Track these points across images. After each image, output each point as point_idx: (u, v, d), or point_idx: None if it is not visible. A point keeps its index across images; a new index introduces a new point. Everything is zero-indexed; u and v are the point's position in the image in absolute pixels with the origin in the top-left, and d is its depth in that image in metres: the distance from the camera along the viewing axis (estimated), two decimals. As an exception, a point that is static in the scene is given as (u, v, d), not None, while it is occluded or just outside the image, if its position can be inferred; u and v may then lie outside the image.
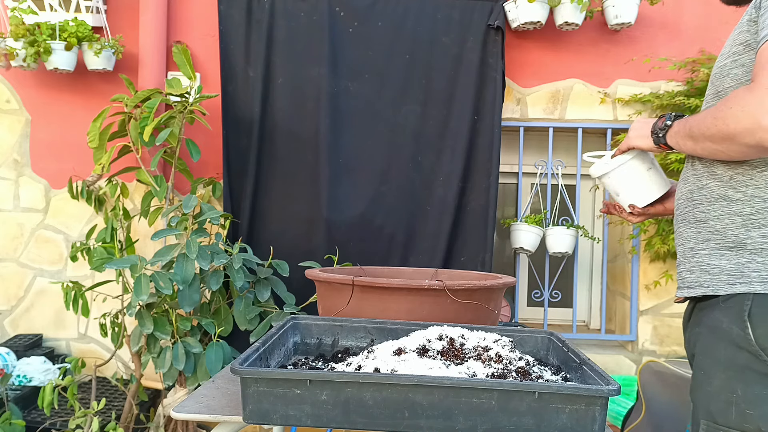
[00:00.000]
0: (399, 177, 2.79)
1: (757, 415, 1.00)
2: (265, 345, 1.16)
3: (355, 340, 1.36)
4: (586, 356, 1.14)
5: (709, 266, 1.09)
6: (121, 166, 2.74)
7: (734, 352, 1.03)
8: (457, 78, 2.77)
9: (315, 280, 1.60)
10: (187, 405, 1.16)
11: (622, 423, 2.29)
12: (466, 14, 2.77)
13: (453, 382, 0.96)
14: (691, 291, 1.12)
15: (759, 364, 1.00)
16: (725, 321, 1.04)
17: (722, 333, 1.05)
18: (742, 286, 1.03)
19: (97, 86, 2.93)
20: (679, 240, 1.17)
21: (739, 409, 1.01)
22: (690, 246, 1.13)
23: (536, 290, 3.04)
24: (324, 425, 0.98)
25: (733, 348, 1.03)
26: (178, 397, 2.41)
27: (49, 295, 2.96)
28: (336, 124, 2.76)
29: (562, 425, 0.95)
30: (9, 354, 2.69)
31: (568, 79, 2.91)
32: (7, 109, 2.97)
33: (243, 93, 2.80)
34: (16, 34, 2.64)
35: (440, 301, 1.43)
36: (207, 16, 2.89)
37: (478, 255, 2.76)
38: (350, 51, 2.79)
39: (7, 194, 2.98)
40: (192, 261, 2.20)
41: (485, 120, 2.77)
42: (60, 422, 2.48)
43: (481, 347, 1.17)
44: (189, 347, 2.30)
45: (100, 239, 2.59)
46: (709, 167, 1.11)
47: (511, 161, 3.06)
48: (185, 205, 2.34)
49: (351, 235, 2.75)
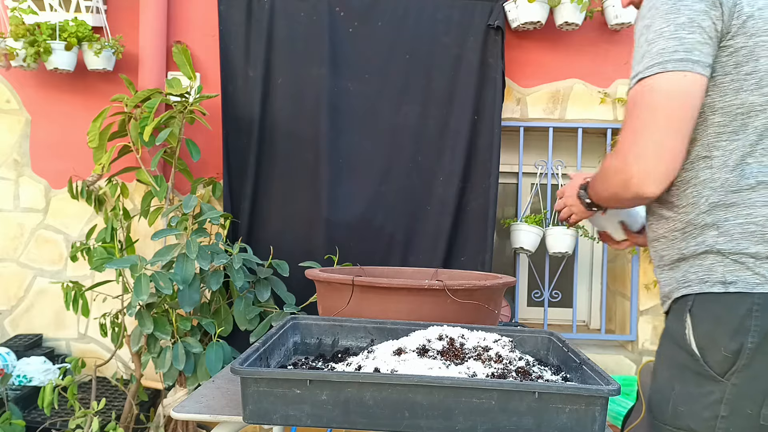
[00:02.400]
0: (399, 177, 2.78)
1: (687, 412, 1.04)
2: (265, 345, 1.16)
3: (355, 340, 1.36)
4: (586, 356, 1.14)
5: (669, 279, 1.14)
6: (121, 166, 2.74)
7: (676, 352, 1.08)
8: (457, 78, 2.77)
9: (315, 280, 1.60)
10: (187, 405, 1.16)
11: (622, 423, 2.29)
12: (466, 14, 2.77)
13: (453, 382, 0.96)
14: (664, 306, 1.18)
15: (694, 364, 1.04)
16: (672, 321, 1.11)
17: (670, 333, 1.11)
18: (686, 289, 1.08)
19: (97, 86, 2.93)
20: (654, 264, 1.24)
21: (674, 406, 1.06)
22: (656, 264, 1.19)
23: (536, 290, 3.04)
24: (324, 425, 0.98)
25: (675, 347, 1.08)
26: (178, 397, 2.41)
27: (49, 295, 2.96)
28: (336, 124, 2.76)
29: (562, 425, 0.95)
30: (9, 354, 2.69)
31: (568, 79, 2.91)
32: (7, 109, 2.97)
33: (243, 93, 2.80)
34: (16, 34, 2.64)
35: (440, 301, 1.43)
36: (207, 16, 2.89)
37: (478, 255, 2.76)
38: (350, 51, 2.79)
39: (7, 194, 2.98)
40: (192, 261, 2.20)
41: (485, 120, 2.77)
42: (60, 422, 2.48)
43: (481, 347, 1.17)
44: (189, 347, 2.30)
45: (100, 239, 2.59)
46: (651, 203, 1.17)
47: (511, 161, 3.06)
48: (185, 205, 2.34)
49: (351, 235, 2.75)
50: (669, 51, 1.01)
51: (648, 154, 1.02)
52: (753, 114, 1.03)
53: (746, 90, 1.03)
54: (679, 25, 1.01)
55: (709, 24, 1.02)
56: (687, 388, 1.05)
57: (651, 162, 1.02)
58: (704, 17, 1.01)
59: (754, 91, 1.03)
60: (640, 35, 1.07)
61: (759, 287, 1.01)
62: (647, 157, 1.02)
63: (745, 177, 1.03)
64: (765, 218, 1.02)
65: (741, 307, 1.01)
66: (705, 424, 1.02)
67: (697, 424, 1.03)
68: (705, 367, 1.03)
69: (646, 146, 1.02)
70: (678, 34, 1.01)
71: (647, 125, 1.01)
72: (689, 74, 1.01)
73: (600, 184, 1.17)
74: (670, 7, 1.03)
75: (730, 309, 1.02)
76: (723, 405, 1.01)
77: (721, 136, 1.05)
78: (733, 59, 1.04)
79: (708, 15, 1.02)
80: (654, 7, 1.05)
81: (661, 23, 1.03)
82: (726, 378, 1.01)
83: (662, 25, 1.03)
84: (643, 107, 1.03)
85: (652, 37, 1.04)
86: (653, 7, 1.05)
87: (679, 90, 1.01)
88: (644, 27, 1.06)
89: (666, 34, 1.02)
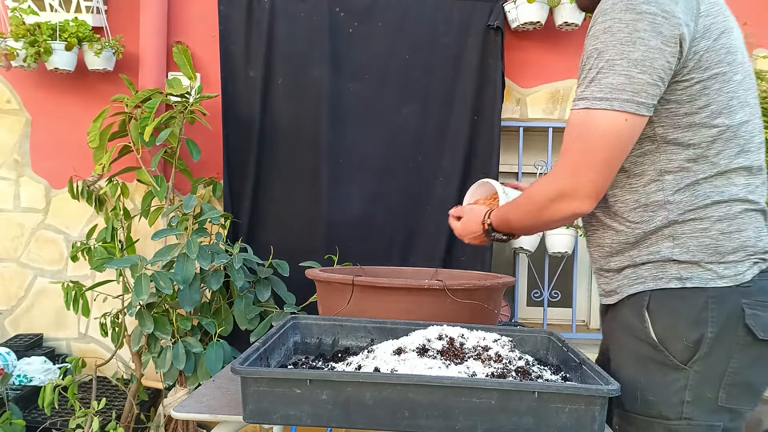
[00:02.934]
0: (399, 177, 2.79)
1: (657, 401, 1.10)
2: (266, 345, 1.16)
3: (355, 340, 1.36)
4: (586, 356, 1.14)
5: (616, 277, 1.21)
6: (121, 166, 2.74)
7: (638, 345, 1.13)
8: (457, 78, 2.77)
9: (315, 280, 1.60)
10: (187, 405, 1.16)
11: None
12: (466, 14, 2.77)
13: (453, 381, 0.96)
14: (609, 299, 1.23)
15: (658, 355, 1.10)
16: (630, 317, 1.16)
17: (629, 328, 1.16)
18: (640, 285, 1.14)
19: (98, 86, 2.93)
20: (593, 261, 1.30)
21: (643, 396, 1.11)
22: (598, 265, 1.26)
23: (536, 290, 3.04)
24: (324, 425, 0.98)
25: (636, 341, 1.13)
26: (178, 397, 2.41)
27: (49, 295, 2.96)
28: (336, 124, 2.76)
29: (561, 425, 0.95)
30: (9, 354, 2.69)
31: (568, 80, 2.91)
32: (8, 109, 2.97)
33: (243, 93, 2.80)
34: (16, 35, 2.64)
35: (440, 301, 1.43)
36: (207, 16, 2.89)
37: (478, 255, 2.76)
38: (350, 51, 2.79)
39: (8, 194, 2.98)
40: (192, 261, 2.20)
41: (485, 120, 2.77)
42: (60, 422, 2.48)
43: (480, 347, 1.17)
44: (189, 347, 2.30)
45: (101, 239, 2.59)
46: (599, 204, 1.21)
47: (510, 161, 3.06)
48: (186, 205, 2.34)
49: (351, 235, 2.75)
50: (618, 89, 1.03)
51: (585, 186, 1.08)
52: (704, 144, 1.09)
53: (699, 123, 1.08)
54: (631, 62, 1.02)
55: (662, 63, 1.02)
56: (653, 378, 1.11)
57: (586, 191, 1.09)
58: (658, 55, 1.02)
59: (706, 123, 1.08)
60: (589, 56, 1.07)
61: (712, 282, 1.08)
62: (584, 187, 1.09)
63: (699, 197, 1.10)
64: (719, 232, 1.10)
65: (698, 301, 1.08)
66: (673, 410, 1.08)
67: (667, 410, 1.09)
68: (669, 357, 1.09)
69: (584, 182, 1.08)
70: (629, 71, 1.02)
71: (587, 161, 1.07)
72: (630, 117, 1.04)
73: (522, 213, 1.24)
74: (626, 36, 1.02)
75: (687, 303, 1.09)
76: (687, 391, 1.08)
77: (673, 163, 1.11)
78: (688, 93, 1.07)
79: (662, 53, 1.02)
80: (609, 31, 1.04)
81: (614, 54, 1.03)
82: (689, 366, 1.08)
83: (615, 56, 1.03)
84: (584, 143, 1.07)
85: (603, 67, 1.04)
86: (609, 30, 1.04)
87: (619, 133, 1.05)
88: (595, 50, 1.05)
89: (617, 69, 1.03)
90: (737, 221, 1.10)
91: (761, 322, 1.07)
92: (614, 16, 1.03)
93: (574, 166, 1.08)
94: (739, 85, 1.10)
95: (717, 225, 1.10)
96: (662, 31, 1.01)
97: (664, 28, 1.01)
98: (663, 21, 1.01)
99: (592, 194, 1.09)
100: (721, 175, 1.10)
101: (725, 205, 1.10)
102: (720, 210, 1.10)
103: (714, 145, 1.09)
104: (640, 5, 1.02)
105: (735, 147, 1.10)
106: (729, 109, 1.08)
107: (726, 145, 1.09)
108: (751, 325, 1.07)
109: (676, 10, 1.02)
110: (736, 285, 1.08)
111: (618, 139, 1.05)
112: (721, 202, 1.10)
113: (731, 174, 1.10)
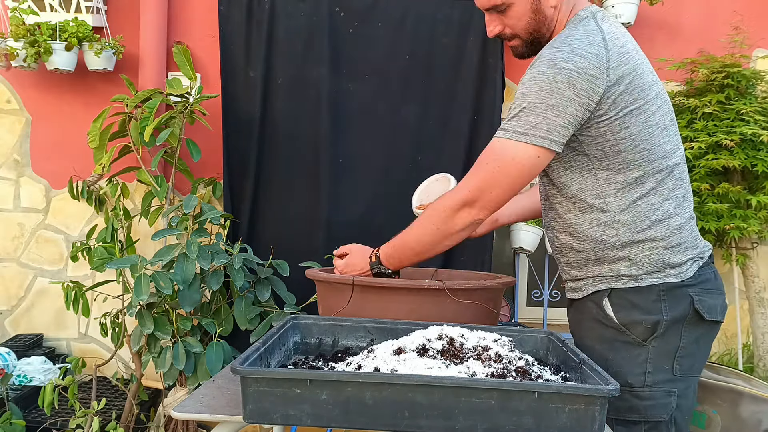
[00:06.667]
0: (399, 177, 2.78)
1: (624, 371, 1.32)
2: (266, 345, 1.16)
3: (355, 340, 1.36)
4: (586, 356, 1.14)
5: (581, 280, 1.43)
6: (121, 166, 2.74)
7: (603, 330, 1.36)
8: (457, 78, 2.77)
9: (315, 280, 1.60)
10: (187, 405, 1.16)
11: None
12: (466, 14, 2.77)
13: (453, 381, 0.96)
14: (575, 294, 1.46)
15: (622, 336, 1.34)
16: (593, 308, 1.38)
17: (595, 318, 1.38)
18: (602, 285, 1.37)
19: (98, 86, 2.93)
20: (561, 272, 1.52)
21: (612, 369, 1.30)
22: (563, 272, 1.49)
23: (536, 290, 3.04)
24: (324, 425, 0.98)
25: (602, 326, 1.36)
26: (178, 397, 2.41)
27: (49, 295, 2.96)
28: (336, 124, 2.76)
29: (561, 425, 0.95)
30: (9, 354, 2.69)
31: (568, 80, 2.90)
32: (8, 109, 2.97)
33: (243, 93, 2.80)
34: (16, 35, 2.64)
35: (440, 301, 1.43)
36: (207, 16, 2.89)
37: (478, 255, 2.76)
38: (350, 51, 2.79)
39: (8, 194, 2.98)
40: (192, 261, 2.20)
41: (485, 120, 2.77)
42: (60, 422, 2.48)
43: (480, 347, 1.17)
44: (189, 347, 2.30)
45: (101, 239, 2.59)
46: (560, 228, 1.42)
47: (511, 161, 3.05)
48: (186, 205, 2.34)
49: (351, 235, 2.73)
50: (535, 127, 1.24)
51: (488, 199, 1.30)
52: (633, 167, 1.29)
53: (624, 150, 1.28)
54: (548, 106, 1.23)
55: (573, 110, 1.23)
56: (620, 354, 1.34)
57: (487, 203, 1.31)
58: (569, 104, 1.22)
59: (630, 150, 1.28)
60: (517, 98, 1.27)
61: (662, 280, 1.32)
62: (487, 200, 1.31)
63: (639, 216, 1.31)
64: (664, 248, 1.31)
65: (651, 295, 1.32)
66: (637, 379, 1.32)
67: (632, 378, 1.32)
68: (632, 336, 1.33)
69: (489, 196, 1.30)
70: (546, 114, 1.23)
71: (496, 179, 1.28)
72: (543, 152, 1.25)
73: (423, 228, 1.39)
74: (547, 86, 1.23)
75: (643, 296, 1.32)
76: (648, 363, 1.32)
77: (609, 187, 1.31)
78: (609, 128, 1.26)
79: (573, 103, 1.22)
80: (534, 80, 1.24)
81: (536, 98, 1.23)
82: (648, 343, 1.32)
83: (536, 101, 1.23)
84: (498, 165, 1.28)
85: (525, 107, 1.24)
86: (533, 79, 1.25)
87: (531, 166, 1.27)
88: (522, 94, 1.26)
89: (537, 110, 1.23)
90: (677, 236, 1.32)
91: (706, 306, 1.32)
92: (540, 69, 1.24)
93: (483, 182, 1.30)
94: (655, 114, 1.29)
95: (661, 243, 1.31)
96: (575, 84, 1.21)
97: (577, 82, 1.21)
98: (577, 76, 1.21)
99: (491, 207, 1.31)
100: (652, 192, 1.30)
101: (663, 224, 1.31)
102: (661, 230, 1.31)
103: (640, 167, 1.29)
104: (560, 62, 1.22)
105: (659, 166, 1.30)
106: (649, 135, 1.28)
107: (650, 165, 1.29)
108: (699, 309, 1.31)
109: (588, 66, 1.21)
110: (681, 281, 1.32)
111: (528, 167, 1.27)
112: (660, 221, 1.31)
113: (661, 190, 1.31)
